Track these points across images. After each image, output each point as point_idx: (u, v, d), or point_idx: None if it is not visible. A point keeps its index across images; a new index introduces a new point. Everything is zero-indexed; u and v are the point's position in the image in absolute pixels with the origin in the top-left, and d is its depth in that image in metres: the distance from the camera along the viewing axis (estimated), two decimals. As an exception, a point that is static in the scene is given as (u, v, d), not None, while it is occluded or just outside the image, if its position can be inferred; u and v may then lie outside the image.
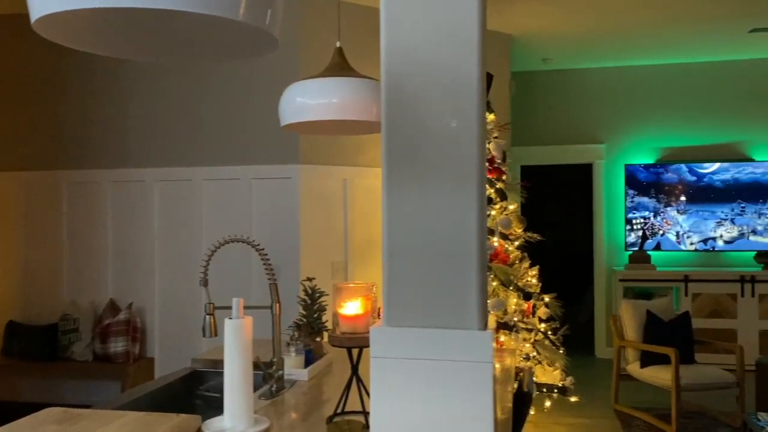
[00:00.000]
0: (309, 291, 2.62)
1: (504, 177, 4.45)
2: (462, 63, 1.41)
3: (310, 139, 4.42)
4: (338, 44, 2.39)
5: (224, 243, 2.08)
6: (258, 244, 2.16)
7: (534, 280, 4.35)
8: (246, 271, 4.44)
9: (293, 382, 2.32)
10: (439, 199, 1.42)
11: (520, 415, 2.10)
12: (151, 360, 4.65)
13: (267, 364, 2.18)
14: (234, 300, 1.78)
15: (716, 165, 6.54)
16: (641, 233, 6.64)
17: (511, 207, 4.42)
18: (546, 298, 4.37)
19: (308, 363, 2.44)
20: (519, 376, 2.38)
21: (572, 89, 6.97)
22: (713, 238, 6.54)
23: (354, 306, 1.74)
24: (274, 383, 2.17)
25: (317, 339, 2.61)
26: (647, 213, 6.64)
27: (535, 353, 4.21)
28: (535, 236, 4.42)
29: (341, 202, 4.59)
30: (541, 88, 7.03)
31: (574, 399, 4.50)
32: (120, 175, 4.74)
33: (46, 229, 4.86)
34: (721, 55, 6.52)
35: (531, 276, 4.35)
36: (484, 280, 1.47)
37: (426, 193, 1.43)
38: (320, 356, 2.58)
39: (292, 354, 2.40)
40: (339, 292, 1.76)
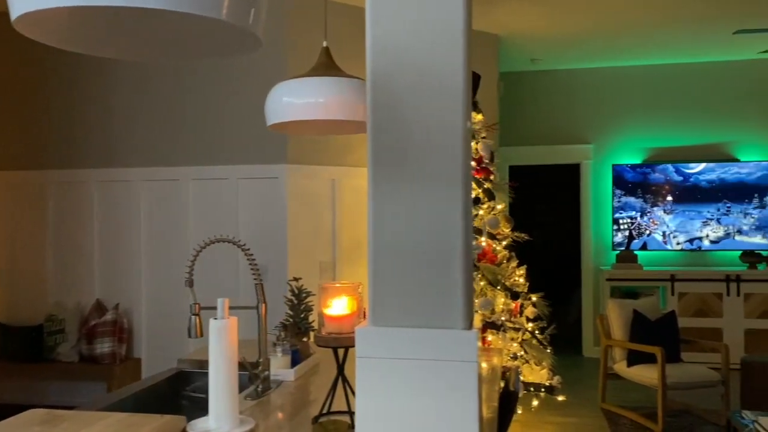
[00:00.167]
0: (296, 291, 2.61)
1: (492, 177, 4.47)
2: (447, 63, 1.41)
3: (298, 139, 4.41)
4: (325, 44, 2.38)
5: (209, 243, 2.08)
6: (244, 244, 2.16)
7: (521, 280, 4.37)
8: (234, 271, 4.43)
9: (279, 383, 2.31)
10: (425, 199, 1.42)
11: (506, 414, 2.10)
12: (138, 361, 4.62)
13: (253, 365, 2.17)
14: (219, 300, 1.77)
15: (702, 165, 6.59)
16: (628, 233, 6.68)
17: (499, 207, 4.43)
18: (533, 298, 4.39)
19: (295, 363, 2.44)
20: (505, 376, 2.39)
21: (560, 90, 7.00)
22: (699, 238, 6.59)
23: (340, 306, 1.74)
24: (260, 384, 2.17)
25: (304, 339, 2.61)
26: (634, 213, 6.68)
27: (523, 352, 4.22)
28: (523, 236, 4.44)
29: (329, 202, 4.59)
30: (529, 89, 7.05)
31: (562, 398, 4.52)
32: (106, 175, 4.71)
33: (32, 229, 4.82)
34: (707, 57, 6.58)
35: (518, 275, 4.36)
36: (470, 280, 1.47)
37: (411, 193, 1.43)
38: (307, 356, 2.58)
39: (279, 354, 2.40)
40: (325, 292, 1.75)
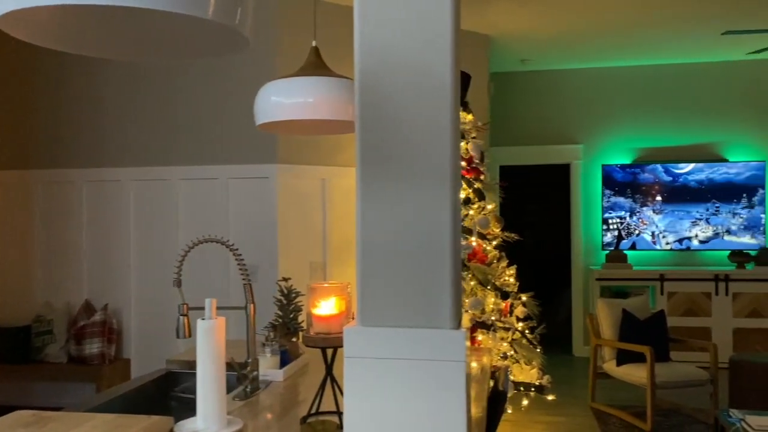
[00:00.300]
0: (285, 291, 2.61)
1: (482, 177, 4.47)
2: (436, 62, 1.41)
3: (288, 139, 4.41)
4: (314, 43, 2.38)
5: (197, 243, 2.07)
6: (232, 245, 2.15)
7: (512, 280, 4.37)
8: (224, 272, 4.41)
9: (268, 383, 2.31)
10: (413, 199, 1.42)
11: (495, 414, 2.11)
12: (128, 361, 4.59)
13: (242, 365, 2.17)
14: (207, 300, 1.76)
15: (691, 165, 6.63)
16: (617, 233, 6.71)
17: (489, 207, 4.43)
18: (523, 297, 4.40)
19: (284, 363, 2.43)
20: (495, 375, 2.39)
21: (550, 90, 7.02)
22: (688, 238, 6.63)
23: (328, 306, 1.74)
24: (249, 384, 2.16)
25: (293, 339, 2.60)
26: (623, 213, 6.71)
27: (513, 352, 4.23)
28: (513, 236, 4.44)
29: (319, 202, 4.58)
30: (520, 89, 7.07)
31: (551, 397, 4.53)
32: (95, 175, 4.68)
33: (20, 229, 4.78)
34: (696, 57, 6.62)
35: (509, 275, 4.37)
36: (458, 280, 1.47)
37: (400, 193, 1.42)
38: (296, 357, 2.57)
39: (268, 355, 2.39)
40: (313, 292, 1.75)
